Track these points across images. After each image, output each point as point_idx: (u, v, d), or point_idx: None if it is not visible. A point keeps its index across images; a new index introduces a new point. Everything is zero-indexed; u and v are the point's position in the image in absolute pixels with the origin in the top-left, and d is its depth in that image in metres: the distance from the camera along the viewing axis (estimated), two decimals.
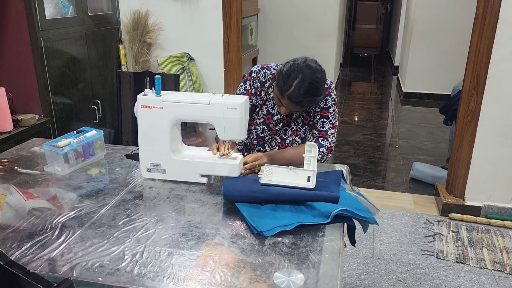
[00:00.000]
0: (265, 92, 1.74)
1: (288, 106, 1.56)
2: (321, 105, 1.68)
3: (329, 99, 1.69)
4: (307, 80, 1.51)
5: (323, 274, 0.96)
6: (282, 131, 1.75)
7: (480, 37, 2.43)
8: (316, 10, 5.57)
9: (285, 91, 1.52)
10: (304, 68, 1.54)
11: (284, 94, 1.52)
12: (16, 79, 2.42)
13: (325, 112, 1.69)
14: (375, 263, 2.27)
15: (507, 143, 2.57)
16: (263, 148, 1.78)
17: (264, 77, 1.74)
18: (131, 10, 3.12)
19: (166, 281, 0.93)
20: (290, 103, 1.54)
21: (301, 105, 1.55)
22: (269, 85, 1.73)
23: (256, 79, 1.74)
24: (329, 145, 1.64)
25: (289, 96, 1.51)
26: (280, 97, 1.56)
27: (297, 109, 1.60)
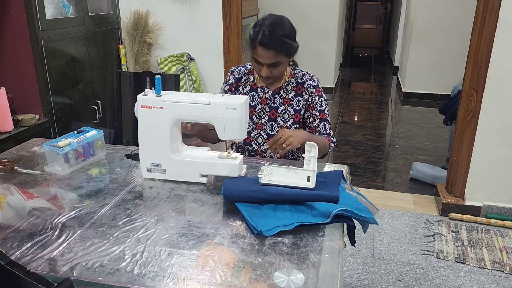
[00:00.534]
0: (242, 87, 1.79)
1: (264, 57, 1.58)
2: (319, 108, 1.73)
3: (323, 100, 1.74)
4: (270, 20, 1.61)
5: (323, 274, 0.96)
6: (268, 127, 1.75)
7: (480, 37, 2.43)
8: (316, 10, 5.57)
9: (255, 40, 1.58)
10: (266, 17, 1.65)
11: (256, 43, 1.58)
12: (16, 79, 2.43)
13: (323, 115, 1.74)
14: (375, 263, 2.28)
15: (507, 143, 2.57)
16: (250, 146, 1.78)
17: (238, 73, 1.80)
18: (131, 10, 3.13)
19: (166, 281, 0.93)
20: (263, 51, 1.57)
21: (274, 48, 1.57)
22: (245, 80, 1.78)
23: (231, 77, 1.81)
24: (333, 144, 1.74)
25: (260, 42, 1.57)
26: (254, 54, 1.61)
27: (274, 57, 1.58)
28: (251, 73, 1.79)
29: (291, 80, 1.74)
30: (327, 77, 5.88)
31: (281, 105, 1.74)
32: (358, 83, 7.03)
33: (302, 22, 5.62)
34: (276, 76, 1.66)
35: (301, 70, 1.76)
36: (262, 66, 1.61)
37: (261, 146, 1.77)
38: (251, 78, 1.78)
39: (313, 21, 5.61)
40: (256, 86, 1.77)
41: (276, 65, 1.61)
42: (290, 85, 1.73)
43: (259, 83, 1.76)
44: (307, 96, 1.73)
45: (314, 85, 1.73)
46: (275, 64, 1.61)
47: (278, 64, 1.61)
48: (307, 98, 1.73)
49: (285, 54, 1.61)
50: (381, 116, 5.16)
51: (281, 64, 1.62)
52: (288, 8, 5.56)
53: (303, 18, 5.62)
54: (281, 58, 1.60)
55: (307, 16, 5.60)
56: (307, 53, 5.69)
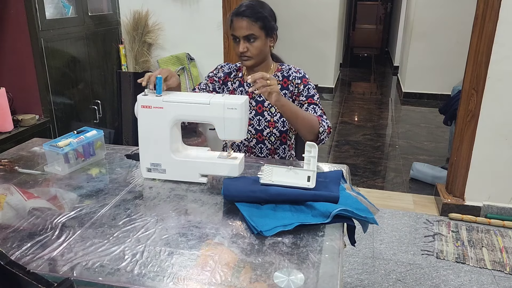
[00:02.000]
0: (231, 82, 1.79)
1: (239, 28, 1.60)
2: (305, 94, 1.69)
3: (310, 88, 1.71)
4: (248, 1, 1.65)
5: (323, 274, 0.96)
6: (255, 121, 1.74)
7: (480, 37, 2.43)
8: (316, 10, 5.57)
9: (232, 16, 1.63)
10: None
11: (232, 17, 1.62)
12: (16, 79, 2.43)
13: (312, 99, 1.70)
14: (375, 263, 2.28)
15: (507, 143, 2.57)
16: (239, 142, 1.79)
17: (228, 69, 1.81)
18: (131, 10, 3.13)
19: (166, 281, 0.93)
20: (238, 21, 1.60)
21: (248, 16, 1.59)
22: (234, 75, 1.79)
23: (220, 71, 1.81)
24: (327, 126, 1.63)
25: (235, 13, 1.61)
26: (232, 30, 1.64)
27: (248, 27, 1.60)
28: (240, 70, 1.80)
29: (277, 74, 1.73)
30: (327, 77, 5.88)
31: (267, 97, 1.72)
32: (358, 83, 7.03)
33: (302, 22, 5.63)
34: (254, 55, 1.64)
35: (288, 65, 1.76)
36: (239, 42, 1.63)
37: (250, 142, 1.76)
38: (240, 74, 1.79)
39: (313, 21, 5.61)
40: (244, 81, 1.77)
41: (252, 40, 1.62)
42: (276, 78, 1.72)
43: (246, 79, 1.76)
44: (292, 87, 1.71)
45: (300, 76, 1.71)
46: (251, 37, 1.61)
47: (254, 39, 1.62)
48: (292, 90, 1.70)
49: (261, 27, 1.62)
50: (381, 116, 5.16)
51: (257, 39, 1.62)
52: (288, 8, 5.56)
53: (303, 18, 5.62)
54: (256, 31, 1.61)
55: (307, 16, 5.60)
56: (307, 53, 5.70)
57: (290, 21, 5.60)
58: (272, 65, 1.75)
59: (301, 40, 5.67)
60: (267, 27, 1.64)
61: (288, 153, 1.82)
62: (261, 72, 1.45)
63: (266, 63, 1.73)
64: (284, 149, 1.79)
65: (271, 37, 1.69)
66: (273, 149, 1.76)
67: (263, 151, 1.76)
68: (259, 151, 1.77)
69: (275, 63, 1.76)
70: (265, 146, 1.75)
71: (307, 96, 1.69)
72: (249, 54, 1.64)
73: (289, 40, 5.65)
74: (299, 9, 5.58)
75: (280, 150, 1.78)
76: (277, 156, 1.78)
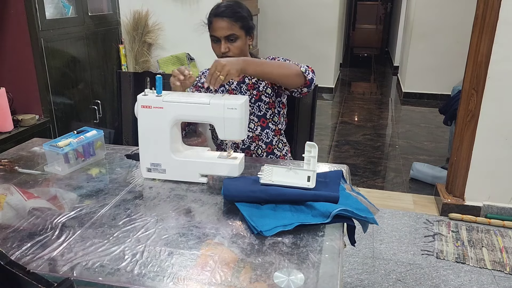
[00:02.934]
0: None
1: (220, 29, 1.60)
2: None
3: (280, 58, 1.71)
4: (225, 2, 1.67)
5: (323, 274, 0.96)
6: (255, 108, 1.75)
7: (480, 37, 2.43)
8: (316, 10, 5.57)
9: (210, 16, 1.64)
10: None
11: (211, 18, 1.63)
12: (16, 79, 2.43)
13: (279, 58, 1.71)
14: (375, 263, 2.28)
15: (506, 143, 2.57)
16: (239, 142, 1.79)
17: None
18: (131, 10, 3.13)
19: (166, 281, 0.93)
20: (218, 21, 1.61)
21: (229, 16, 1.60)
22: None
23: (202, 77, 1.84)
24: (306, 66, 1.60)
25: (215, 14, 1.62)
26: (211, 31, 1.64)
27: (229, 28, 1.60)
28: None
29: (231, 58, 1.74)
30: (327, 77, 5.88)
31: (246, 91, 1.74)
32: (358, 83, 7.03)
33: (302, 22, 5.63)
34: (235, 54, 1.64)
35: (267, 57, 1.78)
36: (220, 42, 1.63)
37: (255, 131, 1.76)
38: None
39: (313, 21, 5.61)
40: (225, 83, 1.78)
41: (233, 40, 1.63)
42: None
43: None
44: None
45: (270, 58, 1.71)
46: (231, 37, 1.62)
47: (234, 38, 1.62)
48: None
49: (241, 27, 1.63)
50: (381, 116, 5.16)
51: (238, 38, 1.63)
52: (288, 8, 5.56)
53: (303, 18, 5.62)
54: (237, 30, 1.62)
55: (307, 16, 5.60)
56: (307, 53, 5.70)
57: (290, 21, 5.60)
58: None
59: (301, 40, 5.67)
60: (247, 27, 1.65)
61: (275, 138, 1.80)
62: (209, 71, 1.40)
63: None
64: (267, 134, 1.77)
65: (250, 36, 1.71)
66: (255, 136, 1.76)
67: (245, 142, 1.77)
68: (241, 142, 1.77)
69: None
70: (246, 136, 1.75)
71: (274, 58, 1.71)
72: (230, 54, 1.64)
73: (289, 40, 5.65)
74: (299, 9, 5.59)
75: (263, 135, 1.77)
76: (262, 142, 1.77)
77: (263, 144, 1.78)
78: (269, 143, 1.79)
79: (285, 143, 1.85)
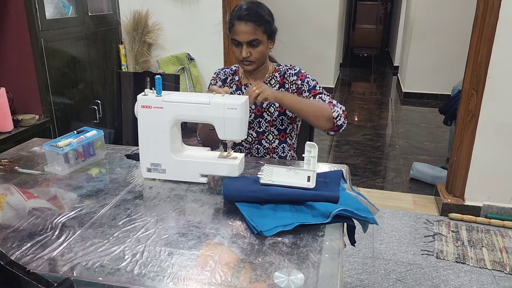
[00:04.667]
0: (228, 87, 1.77)
1: (243, 33, 1.57)
2: (306, 89, 1.68)
3: (309, 81, 1.69)
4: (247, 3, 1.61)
5: (323, 274, 0.96)
6: (256, 124, 1.73)
7: (479, 37, 2.43)
8: (316, 10, 5.57)
9: (233, 19, 1.59)
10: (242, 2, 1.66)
11: (234, 21, 1.58)
12: (16, 79, 2.43)
13: (315, 91, 1.68)
14: (374, 263, 2.28)
15: (506, 143, 2.57)
16: (240, 145, 1.78)
17: (224, 75, 1.79)
18: (131, 10, 3.13)
19: (166, 281, 0.93)
20: (242, 25, 1.56)
21: (252, 20, 1.56)
22: (230, 80, 1.78)
23: (217, 79, 1.79)
24: (341, 110, 1.64)
25: (238, 17, 1.57)
26: (233, 34, 1.60)
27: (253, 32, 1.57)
28: (236, 73, 1.78)
29: (275, 74, 1.72)
30: (327, 77, 5.88)
31: (265, 100, 1.72)
32: (358, 83, 7.03)
33: (302, 22, 5.63)
34: (257, 59, 1.62)
35: (284, 65, 1.76)
36: (242, 47, 1.59)
37: (252, 144, 1.76)
38: (236, 77, 1.77)
39: (313, 21, 5.61)
40: (241, 84, 1.76)
41: (255, 44, 1.59)
42: (274, 79, 1.72)
43: (244, 81, 1.75)
44: (288, 85, 1.69)
45: (295, 73, 1.69)
46: (254, 42, 1.58)
47: (257, 43, 1.59)
48: (288, 87, 1.69)
49: (264, 31, 1.59)
50: (381, 116, 5.16)
51: (260, 43, 1.60)
52: (288, 8, 5.56)
53: (303, 18, 5.62)
54: (259, 35, 1.58)
55: (307, 16, 5.60)
56: (307, 53, 5.70)
57: (290, 21, 5.60)
58: (270, 66, 1.74)
59: (301, 40, 5.67)
60: (269, 31, 1.62)
61: (289, 153, 1.80)
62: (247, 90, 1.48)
63: (265, 65, 1.71)
64: (283, 148, 1.77)
65: (272, 40, 1.67)
66: (271, 148, 1.76)
67: (260, 151, 1.76)
68: (256, 151, 1.76)
69: (272, 63, 1.76)
70: (262, 146, 1.75)
71: (309, 89, 1.67)
72: (251, 59, 1.61)
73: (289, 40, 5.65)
74: (299, 9, 5.59)
75: (279, 149, 1.77)
76: (276, 155, 1.77)
77: (276, 157, 1.77)
78: (284, 157, 1.78)
79: (294, 157, 1.85)
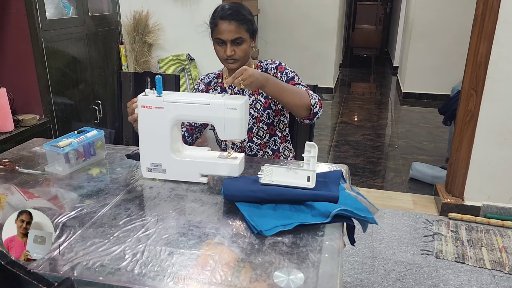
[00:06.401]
0: (212, 90, 1.80)
1: (227, 32, 1.58)
2: (284, 79, 1.69)
3: (288, 72, 1.71)
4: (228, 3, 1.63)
5: (322, 274, 0.96)
6: None
7: (479, 37, 2.43)
8: (316, 10, 5.58)
9: (216, 18, 1.60)
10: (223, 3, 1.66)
11: (217, 20, 1.59)
12: (17, 79, 2.43)
13: (293, 81, 1.69)
14: (374, 262, 2.28)
15: (506, 143, 2.57)
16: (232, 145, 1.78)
17: (207, 79, 1.83)
18: (132, 11, 3.13)
19: (167, 281, 0.94)
20: (225, 24, 1.58)
21: (236, 19, 1.58)
22: (214, 83, 1.80)
23: (200, 84, 1.82)
24: (317, 98, 1.62)
25: (221, 16, 1.58)
26: (217, 33, 1.61)
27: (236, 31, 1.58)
28: (220, 76, 1.81)
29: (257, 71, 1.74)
30: (327, 77, 5.88)
31: (250, 96, 1.73)
32: (357, 83, 7.03)
33: (302, 22, 5.64)
34: (240, 57, 1.64)
35: (266, 61, 1.77)
36: (226, 45, 1.61)
37: (243, 142, 1.76)
38: (220, 80, 1.80)
39: (313, 21, 5.61)
40: (224, 85, 1.78)
41: (239, 43, 1.61)
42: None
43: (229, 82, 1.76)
44: None
45: (275, 66, 1.71)
46: (238, 40, 1.60)
47: (240, 41, 1.61)
48: None
49: (247, 30, 1.61)
50: (381, 116, 5.17)
51: (244, 42, 1.62)
52: (288, 8, 5.57)
53: (303, 18, 5.62)
54: (243, 34, 1.60)
55: (307, 16, 5.61)
56: (307, 53, 5.70)
57: (290, 21, 5.60)
58: (252, 64, 1.76)
59: (301, 40, 5.67)
60: (252, 30, 1.65)
61: (281, 145, 1.80)
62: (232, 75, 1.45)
63: (248, 64, 1.73)
64: (274, 141, 1.78)
65: (253, 39, 1.70)
66: (263, 143, 1.76)
67: (252, 148, 1.77)
68: (249, 149, 1.77)
69: (253, 60, 1.78)
70: (254, 143, 1.76)
71: (287, 80, 1.70)
72: (236, 57, 1.64)
73: (289, 41, 5.66)
74: (299, 9, 5.59)
75: (271, 142, 1.78)
76: (269, 149, 1.78)
77: (269, 151, 1.78)
78: (276, 150, 1.79)
79: (290, 149, 1.86)
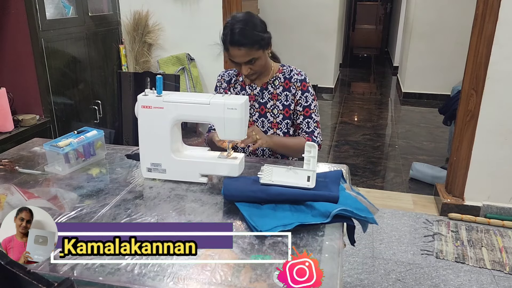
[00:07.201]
0: (232, 88, 1.79)
1: (238, 57, 1.57)
2: (302, 104, 1.70)
3: (308, 95, 1.70)
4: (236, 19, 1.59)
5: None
6: (259, 123, 1.74)
7: (479, 37, 2.43)
8: (316, 10, 5.58)
9: (225, 43, 1.58)
10: (233, 16, 1.63)
11: (227, 45, 1.57)
12: (17, 79, 2.43)
13: (308, 110, 1.70)
14: (374, 262, 2.28)
15: (506, 143, 2.57)
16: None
17: (228, 76, 1.81)
18: (132, 11, 3.13)
19: (167, 281, 0.94)
20: (235, 50, 1.56)
21: (244, 45, 1.55)
22: (234, 81, 1.79)
23: (222, 81, 1.81)
24: (317, 144, 1.69)
25: (230, 42, 1.55)
26: (229, 55, 1.61)
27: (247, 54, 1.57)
28: (239, 74, 1.79)
29: (279, 75, 1.72)
30: (327, 77, 5.88)
31: (269, 100, 1.72)
32: (357, 83, 7.03)
33: (302, 22, 5.63)
34: (258, 70, 1.64)
35: (289, 66, 1.75)
36: (240, 65, 1.61)
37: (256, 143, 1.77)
38: (240, 78, 1.79)
39: (313, 21, 5.61)
40: (245, 85, 1.77)
41: (253, 61, 1.60)
42: (278, 80, 1.72)
43: (247, 81, 1.76)
44: (294, 90, 1.70)
45: (301, 79, 1.70)
46: (251, 61, 1.59)
47: (254, 60, 1.59)
48: (294, 92, 1.70)
49: (258, 48, 1.58)
50: (381, 116, 5.17)
51: (258, 58, 1.60)
52: (288, 8, 5.57)
53: (303, 18, 5.62)
54: (255, 53, 1.58)
55: (307, 16, 5.60)
56: (307, 53, 5.70)
57: (290, 21, 5.60)
58: (273, 66, 1.74)
59: (301, 41, 5.67)
60: (264, 44, 1.61)
61: None
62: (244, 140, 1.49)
63: (268, 67, 1.72)
64: None
65: (268, 48, 1.67)
66: None
67: (265, 153, 1.76)
68: (261, 153, 1.76)
69: (275, 63, 1.75)
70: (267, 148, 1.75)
71: (304, 106, 1.70)
72: (253, 72, 1.64)
73: (289, 41, 5.65)
74: (299, 9, 5.59)
75: None
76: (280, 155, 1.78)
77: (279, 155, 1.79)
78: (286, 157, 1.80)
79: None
